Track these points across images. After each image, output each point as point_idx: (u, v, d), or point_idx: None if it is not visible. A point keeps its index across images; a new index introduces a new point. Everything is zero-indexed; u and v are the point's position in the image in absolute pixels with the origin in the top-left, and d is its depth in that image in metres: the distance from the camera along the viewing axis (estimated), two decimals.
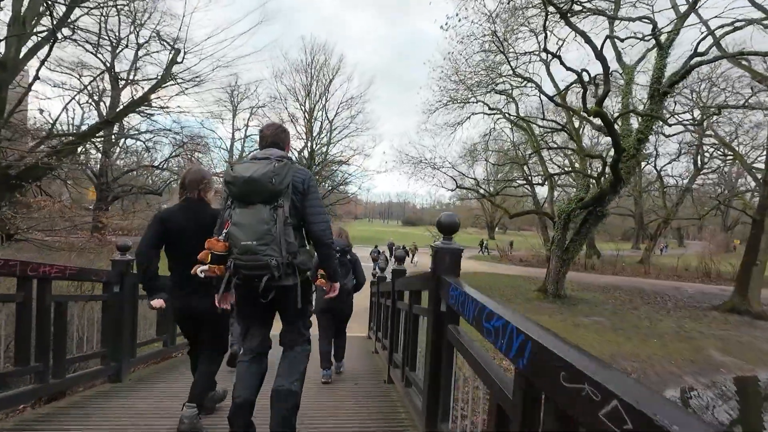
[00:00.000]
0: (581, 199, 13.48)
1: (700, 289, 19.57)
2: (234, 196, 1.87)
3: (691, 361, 9.37)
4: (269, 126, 2.15)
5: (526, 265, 25.07)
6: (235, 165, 1.91)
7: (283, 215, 1.82)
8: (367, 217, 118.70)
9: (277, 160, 1.88)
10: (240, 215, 1.82)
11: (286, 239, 1.81)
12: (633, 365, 8.76)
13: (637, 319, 12.56)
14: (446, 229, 2.02)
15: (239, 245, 1.78)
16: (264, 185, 1.81)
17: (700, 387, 8.37)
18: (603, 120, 8.59)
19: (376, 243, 37.57)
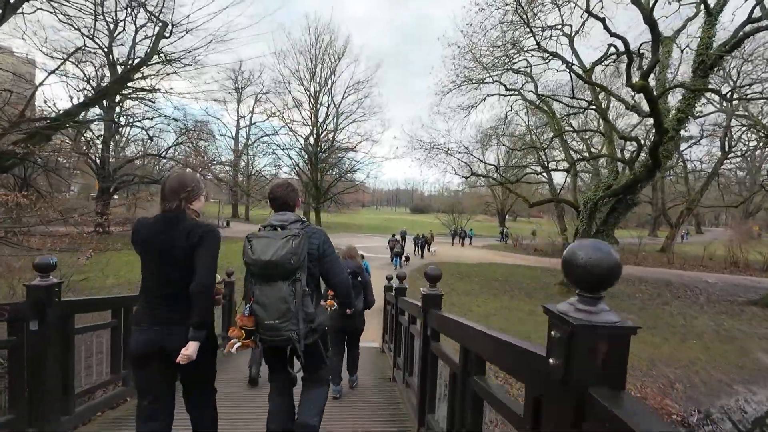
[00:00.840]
0: (609, 186, 12.40)
1: (730, 280, 18.42)
2: (254, 274, 1.99)
3: (738, 367, 8.43)
4: (279, 186, 2.21)
5: (541, 255, 24.06)
6: (254, 241, 1.98)
7: (301, 288, 1.96)
8: (375, 204, 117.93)
9: (294, 237, 1.96)
10: (262, 293, 1.96)
11: (305, 310, 1.99)
12: (675, 372, 7.85)
13: (670, 315, 11.60)
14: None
15: (263, 324, 1.96)
16: (283, 266, 1.91)
17: (754, 397, 7.43)
18: (647, 96, 7.51)
19: (384, 232, 36.85)
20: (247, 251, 1.96)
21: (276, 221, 2.08)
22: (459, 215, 38.72)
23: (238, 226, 33.21)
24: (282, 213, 2.13)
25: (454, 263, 18.32)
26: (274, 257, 1.88)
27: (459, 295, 11.99)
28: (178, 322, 1.77)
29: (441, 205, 65.87)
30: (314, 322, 2.04)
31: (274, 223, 2.06)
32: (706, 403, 7.05)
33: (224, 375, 3.89)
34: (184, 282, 1.77)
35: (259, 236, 2.01)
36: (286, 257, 1.89)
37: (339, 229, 35.67)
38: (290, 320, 1.94)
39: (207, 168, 29.16)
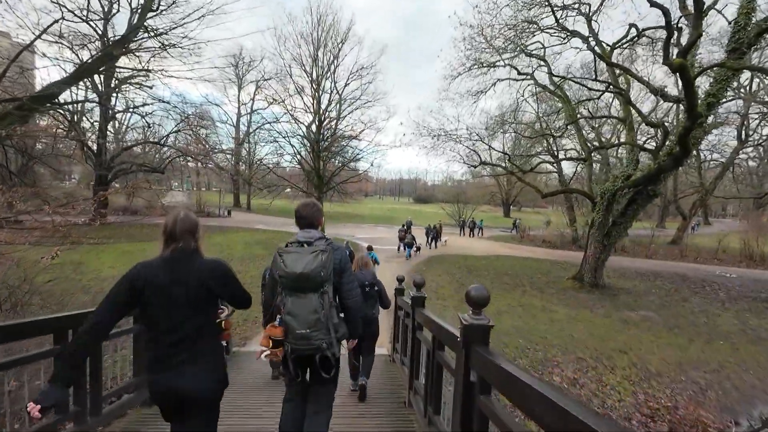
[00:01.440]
0: (629, 176, 11.68)
1: (749, 274, 17.75)
2: (286, 287, 2.10)
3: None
4: (306, 206, 2.33)
5: (549, 247, 23.42)
6: (285, 255, 2.11)
7: (328, 300, 2.12)
8: (378, 194, 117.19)
9: (322, 252, 2.10)
10: (293, 305, 2.09)
11: (332, 321, 2.13)
12: (705, 377, 7.28)
13: (691, 313, 10.99)
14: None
15: (295, 333, 2.08)
16: (314, 279, 2.06)
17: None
18: (683, 77, 6.77)
19: (388, 222, 36.33)
20: (280, 264, 2.08)
21: (302, 238, 2.21)
22: (464, 205, 37.96)
23: (239, 215, 32.68)
24: (307, 230, 2.27)
25: (462, 255, 17.73)
26: (306, 270, 2.03)
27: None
28: (190, 362, 1.77)
29: (445, 195, 65.08)
30: (338, 332, 2.18)
31: (301, 240, 2.19)
32: (742, 413, 6.49)
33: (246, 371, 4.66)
34: (195, 323, 1.78)
35: (289, 251, 2.13)
36: (316, 270, 2.04)
37: (342, 219, 35.08)
38: (320, 330, 2.07)
39: (208, 156, 28.55)
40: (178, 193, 41.07)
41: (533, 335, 8.05)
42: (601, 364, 7.19)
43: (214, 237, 18.89)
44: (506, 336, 7.74)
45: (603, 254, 12.58)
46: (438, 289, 11.32)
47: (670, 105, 16.57)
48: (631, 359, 7.55)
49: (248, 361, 5.15)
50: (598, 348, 7.86)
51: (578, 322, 9.39)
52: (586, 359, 7.30)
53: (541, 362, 6.91)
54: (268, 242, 17.69)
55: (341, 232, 23.99)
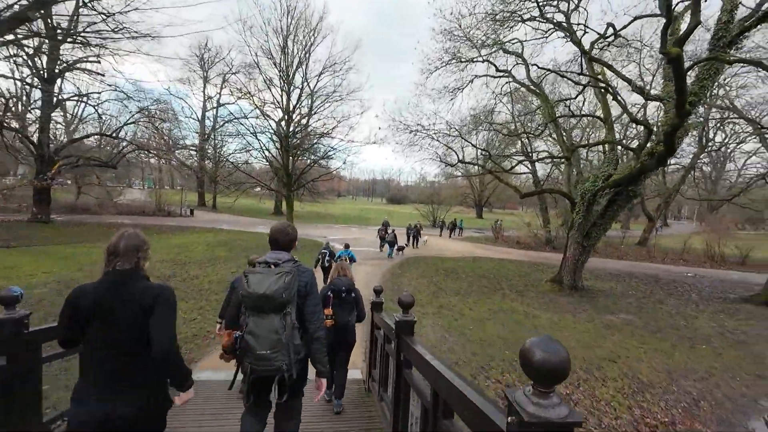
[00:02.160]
0: (609, 176, 11.43)
1: (715, 275, 18.20)
2: (248, 306, 2.12)
3: (757, 376, 7.62)
4: (279, 231, 2.41)
5: (524, 248, 23.33)
6: (250, 276, 2.14)
7: (290, 322, 2.13)
8: (351, 194, 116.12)
9: (286, 274, 2.14)
10: (254, 324, 2.10)
11: (293, 342, 2.13)
12: (695, 386, 6.92)
13: (669, 316, 10.84)
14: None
15: (255, 354, 2.07)
16: (276, 299, 2.08)
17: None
18: (677, 69, 6.37)
19: (362, 223, 35.48)
20: (244, 285, 2.12)
21: (271, 259, 2.25)
22: (438, 206, 37.72)
23: (203, 214, 30.86)
24: (277, 252, 2.34)
25: (439, 257, 17.17)
26: (268, 291, 2.06)
27: (448, 295, 10.76)
28: (127, 391, 1.66)
29: (418, 195, 65.06)
30: (300, 354, 2.19)
31: (269, 261, 2.23)
32: (736, 424, 6.13)
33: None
34: (135, 348, 1.68)
35: (255, 271, 2.17)
36: (278, 291, 2.07)
37: (313, 220, 33.89)
38: (281, 351, 2.07)
39: (171, 152, 26.67)
40: (137, 190, 38.48)
41: (519, 345, 7.41)
42: (592, 375, 6.68)
43: (173, 238, 17.41)
44: (491, 347, 7.10)
45: (582, 256, 12.30)
46: (415, 293, 10.60)
47: (638, 107, 16.67)
48: (621, 368, 7.11)
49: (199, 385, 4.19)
50: (587, 357, 7.38)
51: (563, 328, 8.93)
52: (576, 371, 6.76)
53: None
54: (233, 243, 16.43)
55: (312, 233, 22.91)
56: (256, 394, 2.22)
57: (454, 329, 7.85)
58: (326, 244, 10.55)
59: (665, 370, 7.36)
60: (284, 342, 2.06)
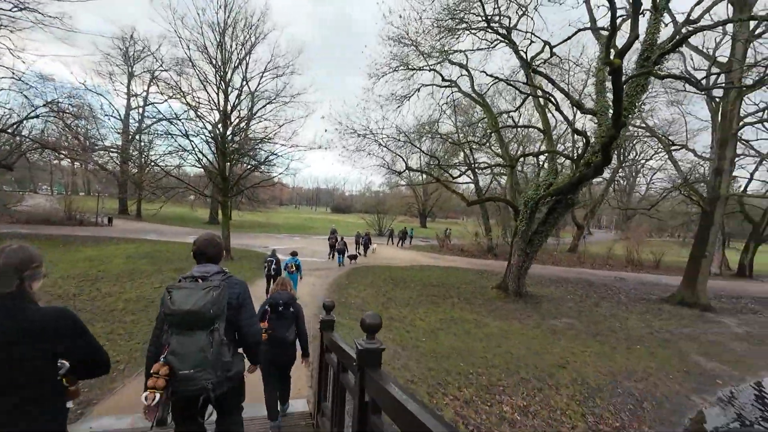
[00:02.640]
0: (550, 185, 11.86)
1: (636, 278, 19.88)
2: (172, 324, 1.96)
3: (686, 373, 8.12)
4: (204, 241, 2.22)
5: (468, 256, 23.82)
6: (174, 291, 1.99)
7: (219, 338, 1.97)
8: (294, 203, 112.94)
9: (215, 288, 2.00)
10: (178, 344, 1.93)
11: (222, 359, 1.98)
12: (637, 387, 7.14)
13: (605, 318, 11.41)
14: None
15: (178, 374, 1.90)
16: (202, 315, 1.93)
17: (712, 407, 6.98)
18: (616, 81, 6.63)
19: (306, 232, 34.19)
20: (167, 302, 1.97)
21: (197, 272, 2.10)
22: (384, 215, 37.65)
23: (125, 223, 27.73)
24: (204, 265, 2.17)
25: (386, 267, 16.77)
26: (194, 307, 1.92)
27: (398, 306, 10.33)
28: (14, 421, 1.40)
29: (363, 205, 64.86)
30: (230, 371, 2.06)
31: (196, 275, 2.09)
32: (676, 423, 6.35)
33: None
34: (26, 389, 1.42)
35: (180, 287, 2.02)
36: (206, 307, 1.93)
37: (254, 229, 32.00)
38: (206, 369, 1.93)
39: (86, 153, 23.59)
40: (43, 196, 33.67)
41: (473, 356, 7.20)
42: (545, 384, 6.58)
43: (84, 250, 15.14)
44: (446, 360, 6.75)
45: (526, 263, 12.60)
46: (364, 305, 10.05)
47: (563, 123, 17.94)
48: (570, 374, 7.12)
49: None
50: (538, 365, 7.31)
51: (512, 335, 8.89)
52: (530, 379, 6.63)
53: (486, 389, 6.01)
54: (158, 255, 14.67)
55: (252, 243, 21.44)
56: (179, 419, 2.09)
57: (406, 342, 7.41)
58: (272, 252, 10.28)
59: (609, 372, 7.53)
60: (210, 360, 1.94)
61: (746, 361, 9.15)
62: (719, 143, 13.31)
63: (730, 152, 13.16)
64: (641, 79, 9.88)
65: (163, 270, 12.32)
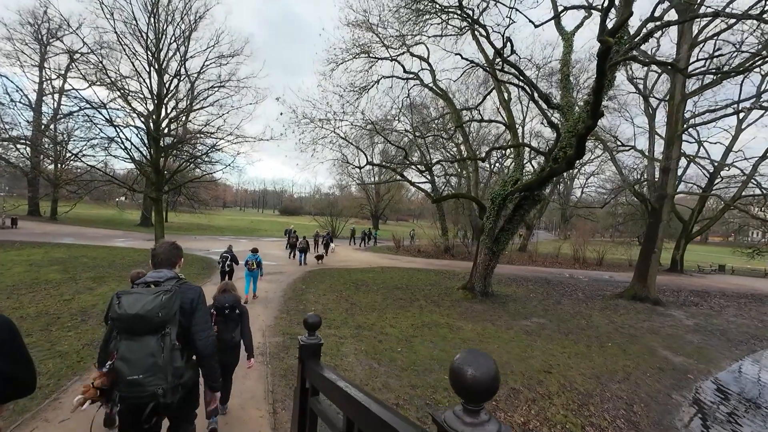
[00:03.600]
0: (516, 180, 11.55)
1: (586, 274, 20.60)
2: (120, 330, 1.90)
3: (659, 369, 7.99)
4: (162, 245, 2.22)
5: (425, 257, 23.38)
6: (123, 297, 1.94)
7: (170, 343, 1.91)
8: (239, 205, 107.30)
9: (165, 292, 1.96)
10: (126, 349, 1.87)
11: (173, 365, 1.92)
12: (622, 388, 6.79)
13: (571, 316, 11.28)
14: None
15: (125, 380, 1.84)
16: (151, 319, 1.88)
17: (690, 405, 6.81)
18: (601, 63, 6.23)
19: (252, 235, 31.92)
20: (114, 307, 1.93)
21: (151, 278, 2.08)
22: (337, 217, 36.38)
23: (37, 226, 23.85)
24: (159, 270, 2.14)
25: (345, 269, 15.66)
26: (141, 311, 1.87)
27: (364, 312, 9.32)
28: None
29: (313, 206, 62.89)
30: (183, 377, 1.99)
31: (149, 280, 2.07)
32: (668, 425, 6.02)
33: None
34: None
35: (131, 292, 1.97)
36: (153, 311, 1.89)
37: (194, 231, 29.22)
38: (156, 375, 1.87)
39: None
40: None
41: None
42: (536, 393, 5.95)
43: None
44: (429, 374, 5.86)
45: (492, 261, 12.18)
46: (326, 312, 8.92)
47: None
48: (558, 380, 6.58)
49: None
50: (524, 371, 6.70)
51: (489, 339, 8.26)
52: (520, 389, 5.96)
53: None
54: (72, 262, 12.35)
55: (193, 246, 19.22)
56: (126, 427, 2.00)
57: (381, 355, 6.43)
58: (228, 248, 10.21)
59: (593, 375, 7.13)
60: (161, 365, 1.88)
61: (706, 354, 9.34)
62: (666, 143, 13.96)
63: (675, 152, 13.84)
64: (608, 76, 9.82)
65: (78, 279, 10.25)
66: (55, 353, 5.39)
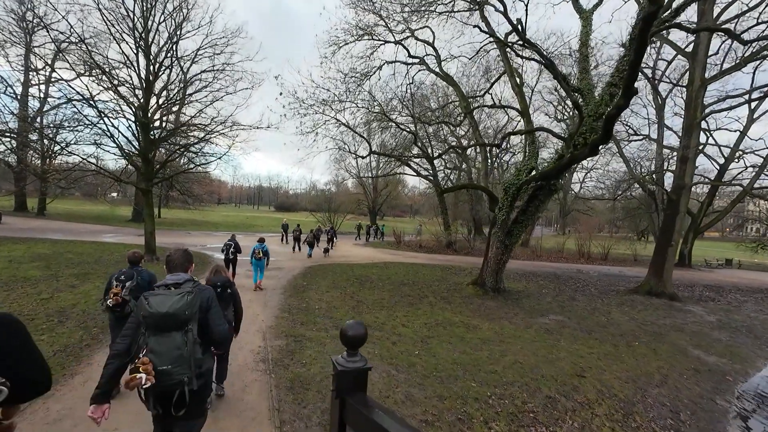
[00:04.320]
0: (531, 169, 10.85)
1: (595, 269, 20.00)
2: (149, 326, 2.14)
3: (695, 371, 7.36)
4: (176, 252, 2.50)
5: (426, 251, 22.67)
6: (150, 297, 2.18)
7: (192, 337, 2.18)
8: (234, 201, 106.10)
9: (188, 293, 2.23)
10: (156, 343, 2.12)
11: (195, 356, 2.19)
12: (662, 393, 6.12)
13: (589, 313, 10.63)
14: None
15: (157, 370, 2.08)
16: (178, 317, 2.15)
17: (739, 411, 6.16)
18: (642, 33, 5.51)
19: (249, 230, 31.07)
20: (144, 306, 2.15)
21: (171, 281, 2.33)
22: (334, 213, 35.65)
23: (23, 222, 22.88)
24: (176, 274, 2.39)
25: (347, 264, 14.93)
26: (171, 309, 2.13)
27: (372, 309, 8.61)
28: None
29: (309, 203, 62.06)
30: (202, 367, 2.25)
31: (169, 283, 2.31)
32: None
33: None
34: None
35: (156, 294, 2.22)
36: (181, 310, 2.15)
37: (187, 226, 28.32)
38: (182, 365, 2.12)
39: None
40: None
41: (482, 371, 5.70)
42: (575, 402, 5.27)
43: None
44: (455, 381, 5.16)
45: (504, 256, 11.51)
46: (330, 310, 8.19)
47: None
48: (593, 385, 5.91)
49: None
50: (555, 375, 6.01)
51: (510, 339, 7.57)
52: (556, 397, 5.27)
53: (516, 418, 4.52)
54: (56, 258, 11.52)
55: (184, 241, 18.40)
56: (157, 410, 2.20)
57: (398, 359, 5.71)
58: (231, 237, 10.51)
59: (629, 378, 6.46)
60: (186, 356, 2.12)
61: (738, 353, 8.71)
62: (684, 131, 13.30)
63: (694, 141, 13.19)
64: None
65: (60, 276, 9.43)
66: None
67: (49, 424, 3.47)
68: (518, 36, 9.07)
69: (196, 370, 2.17)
